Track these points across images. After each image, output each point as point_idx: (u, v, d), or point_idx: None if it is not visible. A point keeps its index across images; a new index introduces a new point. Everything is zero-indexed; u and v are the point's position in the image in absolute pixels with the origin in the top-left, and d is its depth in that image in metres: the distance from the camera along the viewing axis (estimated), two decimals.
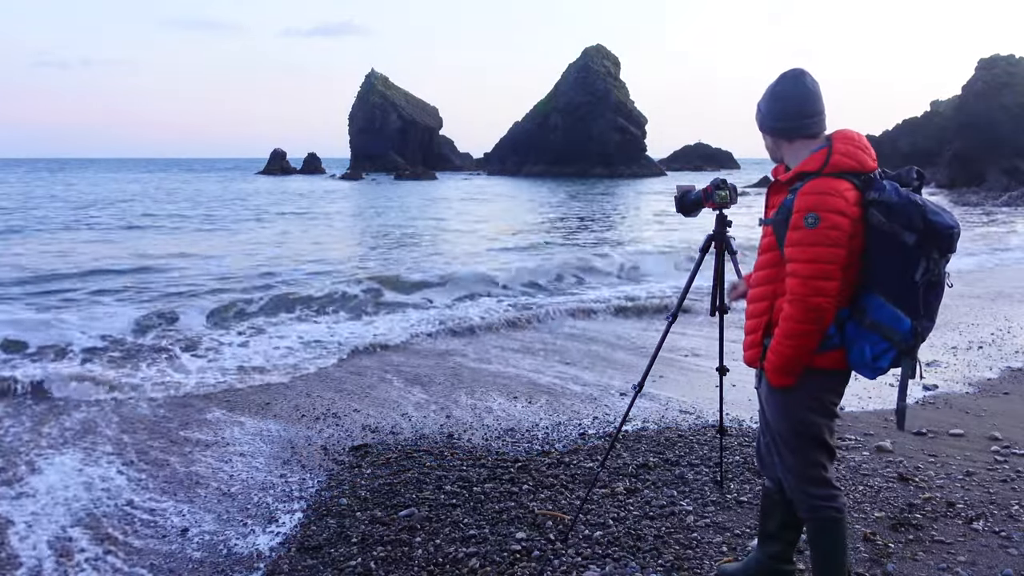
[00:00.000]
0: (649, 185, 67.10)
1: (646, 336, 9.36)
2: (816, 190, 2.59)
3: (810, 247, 2.57)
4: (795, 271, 2.62)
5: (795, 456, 2.84)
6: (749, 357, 2.93)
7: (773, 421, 2.88)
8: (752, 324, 2.89)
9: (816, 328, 2.62)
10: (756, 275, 2.90)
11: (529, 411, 6.36)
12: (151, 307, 10.50)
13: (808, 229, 2.56)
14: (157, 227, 25.87)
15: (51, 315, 9.78)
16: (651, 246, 18.87)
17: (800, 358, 2.68)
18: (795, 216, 2.61)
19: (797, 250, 2.61)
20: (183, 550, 3.96)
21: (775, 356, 2.71)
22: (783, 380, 2.74)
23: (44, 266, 15.37)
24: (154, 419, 6.12)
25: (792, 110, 2.76)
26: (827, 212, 2.55)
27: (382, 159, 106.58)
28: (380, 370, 7.70)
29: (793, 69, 2.80)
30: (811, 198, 2.58)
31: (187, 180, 78.19)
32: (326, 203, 41.73)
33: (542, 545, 3.81)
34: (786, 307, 2.66)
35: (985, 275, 14.82)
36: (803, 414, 2.79)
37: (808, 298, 2.58)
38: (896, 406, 2.79)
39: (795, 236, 2.61)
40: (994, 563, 3.62)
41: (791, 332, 2.64)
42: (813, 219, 2.55)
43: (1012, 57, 56.18)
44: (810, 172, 2.65)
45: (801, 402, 2.78)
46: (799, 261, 2.60)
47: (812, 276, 2.57)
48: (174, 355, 8.11)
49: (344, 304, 11.26)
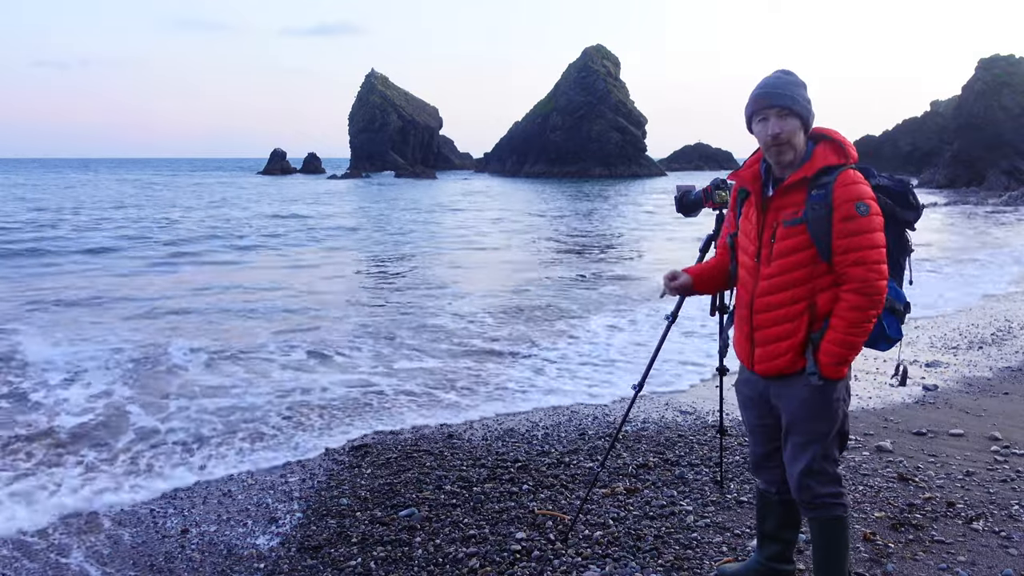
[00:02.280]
0: (649, 185, 67.10)
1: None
2: (854, 180, 2.69)
3: (870, 234, 2.65)
4: (860, 259, 2.64)
5: (821, 453, 2.82)
6: (782, 364, 2.81)
7: (809, 420, 2.81)
8: (786, 328, 2.79)
9: (879, 311, 2.71)
10: (782, 278, 2.78)
11: (529, 411, 6.37)
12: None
13: (863, 217, 2.64)
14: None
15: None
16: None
17: (861, 345, 2.74)
18: (844, 207, 2.64)
19: (857, 239, 2.64)
20: (183, 550, 3.96)
21: (839, 348, 2.69)
22: (842, 372, 2.76)
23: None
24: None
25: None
26: (871, 200, 2.67)
27: (382, 159, 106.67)
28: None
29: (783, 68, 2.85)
30: (855, 188, 2.66)
31: (226, 179, 76.34)
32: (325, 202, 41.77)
33: (542, 545, 3.81)
34: (850, 297, 2.66)
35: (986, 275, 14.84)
36: (839, 406, 2.83)
37: (877, 282, 2.65)
38: (899, 368, 3.02)
39: (851, 226, 2.64)
40: (994, 563, 3.61)
41: (859, 320, 2.67)
42: (865, 207, 2.64)
43: (1012, 57, 56.22)
44: (837, 165, 2.72)
45: (841, 393, 2.83)
46: (862, 249, 2.64)
47: (877, 261, 2.65)
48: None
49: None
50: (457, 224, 28.58)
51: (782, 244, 2.77)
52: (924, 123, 74.37)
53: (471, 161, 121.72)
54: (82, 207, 36.01)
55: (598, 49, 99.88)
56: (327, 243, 21.84)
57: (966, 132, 53.79)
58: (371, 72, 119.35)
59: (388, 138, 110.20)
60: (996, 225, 27.21)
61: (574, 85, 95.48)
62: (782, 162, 2.78)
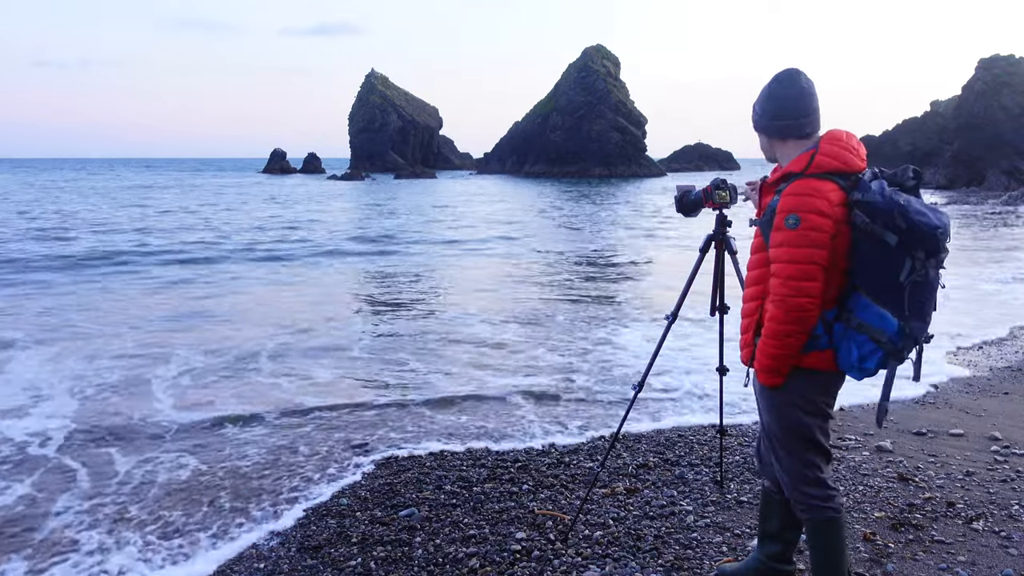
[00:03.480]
0: (649, 185, 67.03)
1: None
2: (798, 191, 2.61)
3: (791, 248, 2.59)
4: (777, 272, 2.64)
5: (790, 457, 2.85)
6: (744, 357, 2.96)
7: (767, 421, 2.90)
8: (744, 324, 2.91)
9: (799, 328, 2.64)
10: (748, 275, 2.91)
11: (530, 411, 6.36)
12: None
13: (789, 230, 2.59)
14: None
15: None
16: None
17: (786, 358, 2.70)
18: (777, 217, 2.64)
19: (779, 251, 2.63)
20: (183, 550, 3.95)
21: (762, 356, 2.74)
22: (771, 380, 2.76)
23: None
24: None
25: (786, 110, 2.76)
26: (808, 213, 2.57)
27: (382, 159, 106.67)
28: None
29: (788, 69, 2.80)
30: (793, 199, 2.61)
31: (258, 181, 75.02)
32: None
33: (542, 545, 3.81)
34: (769, 308, 2.68)
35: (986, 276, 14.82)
36: (794, 414, 2.80)
37: (789, 298, 2.60)
38: (878, 404, 2.77)
39: (777, 237, 2.64)
40: (994, 563, 3.61)
41: (775, 332, 2.67)
42: (794, 220, 2.58)
43: (1012, 57, 56.16)
44: (794, 173, 2.68)
45: (791, 402, 2.79)
46: (781, 262, 2.63)
47: (793, 276, 2.60)
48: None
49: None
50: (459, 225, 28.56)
51: (752, 243, 2.89)
52: (924, 123, 74.29)
53: (471, 161, 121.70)
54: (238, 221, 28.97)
55: (598, 49, 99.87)
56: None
57: (966, 132, 53.74)
58: (371, 72, 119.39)
59: (388, 138, 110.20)
60: (1004, 226, 27.19)
61: (574, 85, 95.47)
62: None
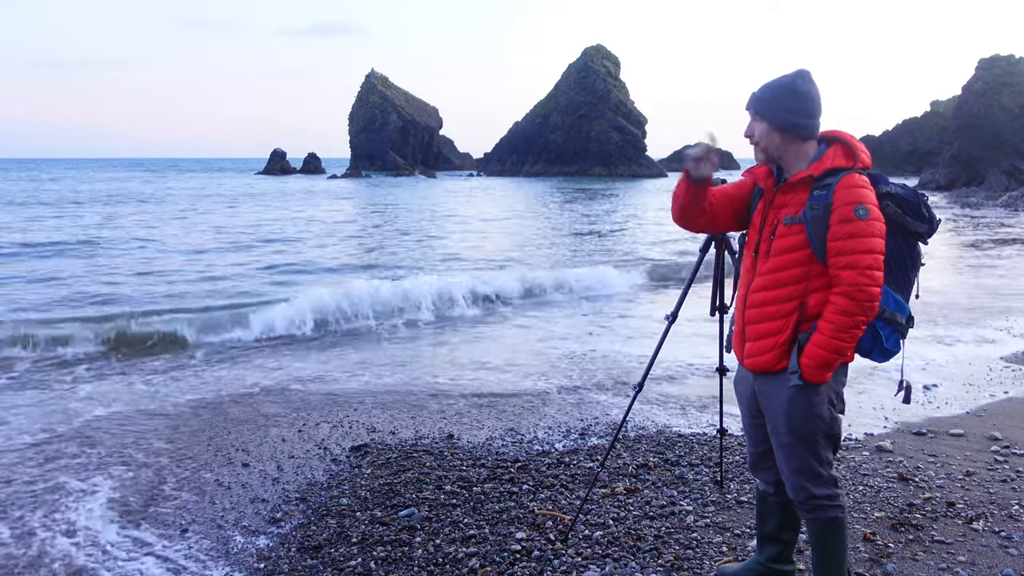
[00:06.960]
0: (649, 185, 67.00)
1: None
2: (857, 183, 2.67)
3: (865, 238, 2.62)
4: (852, 263, 2.62)
5: (810, 455, 2.81)
6: (766, 361, 2.82)
7: (791, 421, 2.80)
8: (774, 326, 2.80)
9: (869, 318, 2.67)
10: (776, 276, 2.79)
11: (529, 411, 6.36)
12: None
13: (861, 221, 2.62)
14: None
15: None
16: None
17: (848, 351, 2.71)
18: (843, 209, 2.63)
19: (851, 242, 2.62)
20: (183, 550, 3.96)
21: (823, 351, 2.68)
22: (823, 376, 2.72)
23: None
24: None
25: (815, 109, 2.78)
26: (872, 205, 2.65)
27: (382, 159, 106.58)
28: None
29: (803, 69, 2.79)
30: (856, 191, 2.65)
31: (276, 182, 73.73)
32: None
33: (542, 545, 3.81)
34: (839, 300, 2.64)
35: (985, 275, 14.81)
36: (825, 409, 2.80)
37: (868, 288, 2.62)
38: (903, 384, 2.92)
39: (848, 228, 2.62)
40: (994, 563, 3.61)
41: (846, 325, 2.64)
42: (864, 211, 2.63)
43: (1012, 57, 56.17)
44: (843, 168, 2.70)
45: (825, 397, 2.79)
46: (855, 252, 2.62)
47: (870, 267, 2.62)
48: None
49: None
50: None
51: (781, 242, 2.79)
52: (924, 123, 74.35)
53: (471, 161, 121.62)
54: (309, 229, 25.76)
55: (598, 49, 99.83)
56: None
57: (966, 132, 53.73)
58: (371, 72, 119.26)
59: (388, 138, 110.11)
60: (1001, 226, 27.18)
61: (574, 85, 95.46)
62: (758, 160, 2.88)
